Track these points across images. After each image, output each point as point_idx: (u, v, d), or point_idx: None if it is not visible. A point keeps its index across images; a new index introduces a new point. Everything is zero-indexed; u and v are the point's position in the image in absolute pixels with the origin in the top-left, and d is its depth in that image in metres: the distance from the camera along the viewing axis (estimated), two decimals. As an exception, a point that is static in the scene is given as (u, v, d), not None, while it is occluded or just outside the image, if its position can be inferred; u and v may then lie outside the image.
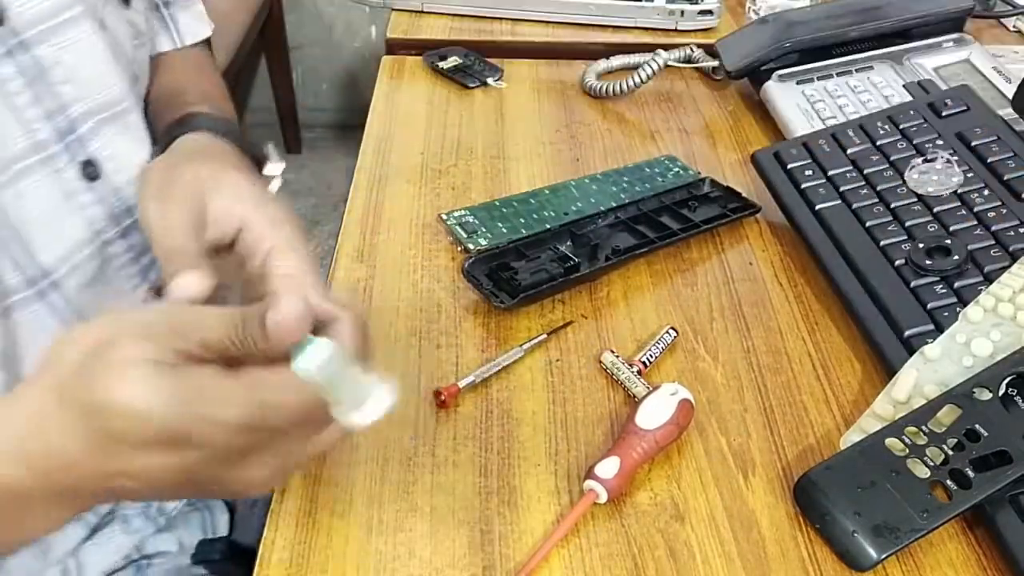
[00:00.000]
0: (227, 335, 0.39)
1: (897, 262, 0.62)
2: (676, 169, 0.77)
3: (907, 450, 0.50)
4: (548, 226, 0.69)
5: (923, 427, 0.51)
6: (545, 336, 0.61)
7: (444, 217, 0.70)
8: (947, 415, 0.51)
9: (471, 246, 0.67)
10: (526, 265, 0.64)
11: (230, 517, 0.71)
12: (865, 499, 0.49)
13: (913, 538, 0.47)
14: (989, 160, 0.67)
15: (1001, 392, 0.52)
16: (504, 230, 0.69)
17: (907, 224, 0.64)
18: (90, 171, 0.57)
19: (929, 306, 0.59)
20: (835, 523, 0.48)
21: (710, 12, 0.98)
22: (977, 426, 0.50)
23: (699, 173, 0.77)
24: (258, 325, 0.39)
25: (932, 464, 0.49)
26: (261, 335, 0.39)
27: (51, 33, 0.54)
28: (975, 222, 0.63)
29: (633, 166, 0.78)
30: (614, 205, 0.72)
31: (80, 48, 0.56)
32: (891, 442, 0.50)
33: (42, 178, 0.54)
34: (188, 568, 0.65)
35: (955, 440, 0.50)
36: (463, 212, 0.71)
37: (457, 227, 0.69)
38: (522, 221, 0.70)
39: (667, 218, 0.71)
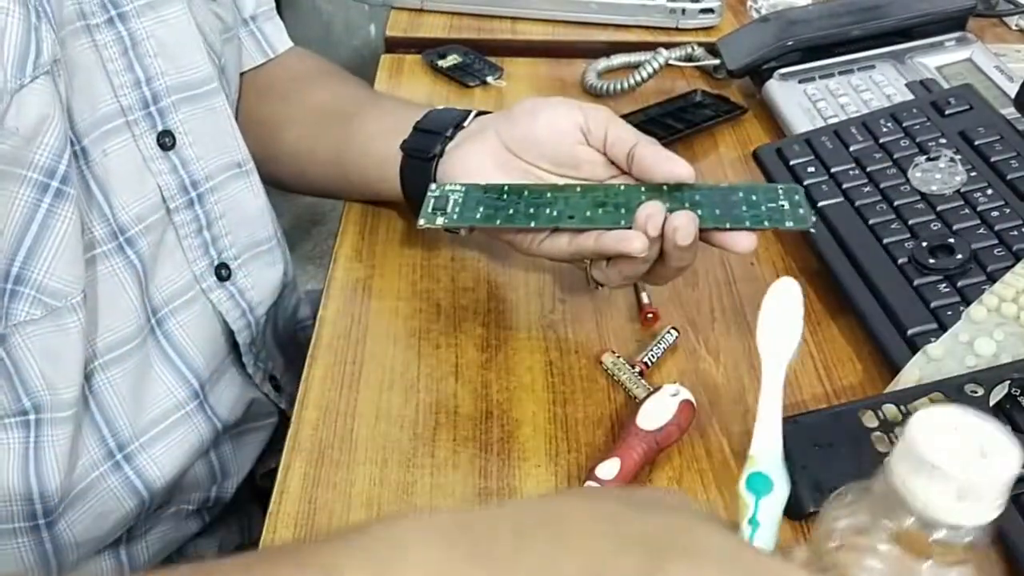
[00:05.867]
0: None
1: (900, 260, 0.62)
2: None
3: (877, 424, 0.50)
4: (533, 224, 0.58)
5: (902, 407, 0.51)
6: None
7: (432, 188, 0.61)
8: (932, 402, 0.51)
9: (423, 221, 0.58)
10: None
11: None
12: (817, 456, 0.49)
13: None
14: (992, 160, 0.67)
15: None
16: (477, 216, 0.59)
17: (910, 222, 0.64)
18: (165, 141, 0.61)
19: (932, 305, 0.59)
20: None
21: (711, 10, 0.97)
22: None
23: None
24: None
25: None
26: None
27: (149, 8, 0.59)
28: (978, 221, 0.63)
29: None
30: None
31: (172, 25, 0.61)
32: (864, 413, 0.51)
33: (124, 141, 0.59)
34: None
35: None
36: (453, 187, 0.60)
37: (431, 198, 0.60)
38: (510, 213, 0.58)
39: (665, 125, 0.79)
